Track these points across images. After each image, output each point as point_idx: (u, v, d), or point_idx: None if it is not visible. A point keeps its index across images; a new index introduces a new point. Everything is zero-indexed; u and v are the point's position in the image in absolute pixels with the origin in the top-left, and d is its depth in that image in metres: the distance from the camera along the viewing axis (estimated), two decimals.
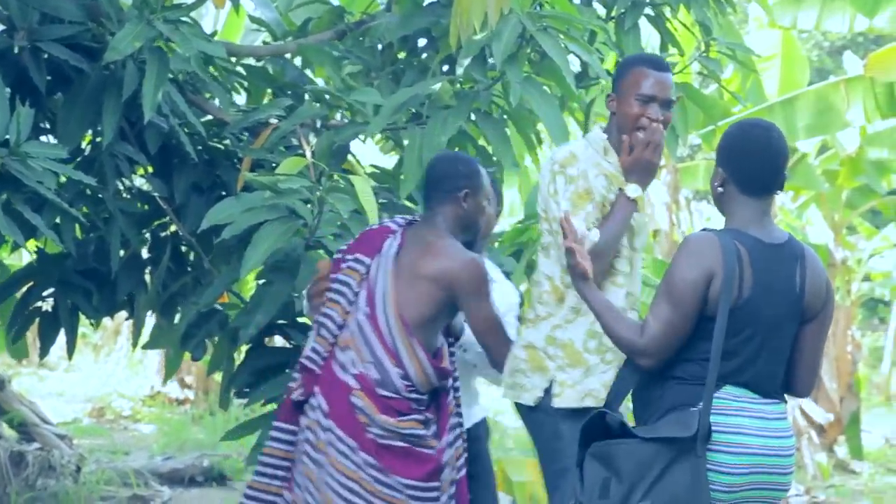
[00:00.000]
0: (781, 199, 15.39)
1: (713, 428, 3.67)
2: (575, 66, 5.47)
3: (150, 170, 5.72)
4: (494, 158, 5.41)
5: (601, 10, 5.79)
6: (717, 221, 4.04)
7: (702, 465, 3.66)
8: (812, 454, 12.67)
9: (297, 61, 6.13)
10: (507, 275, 5.20)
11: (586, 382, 4.12)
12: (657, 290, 3.84)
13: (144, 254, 5.97)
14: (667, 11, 5.80)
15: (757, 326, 3.75)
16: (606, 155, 4.18)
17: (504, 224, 15.78)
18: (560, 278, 4.12)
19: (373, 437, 4.18)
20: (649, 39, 9.95)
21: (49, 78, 5.36)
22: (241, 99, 6.33)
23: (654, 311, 3.77)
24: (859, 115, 11.34)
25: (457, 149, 5.51)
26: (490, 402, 18.56)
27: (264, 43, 6.28)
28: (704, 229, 3.87)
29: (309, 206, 4.71)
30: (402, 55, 5.92)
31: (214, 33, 5.74)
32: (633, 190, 4.16)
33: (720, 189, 3.89)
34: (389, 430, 4.19)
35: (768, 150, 3.83)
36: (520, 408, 4.22)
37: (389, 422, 4.19)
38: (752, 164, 3.82)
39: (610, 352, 4.11)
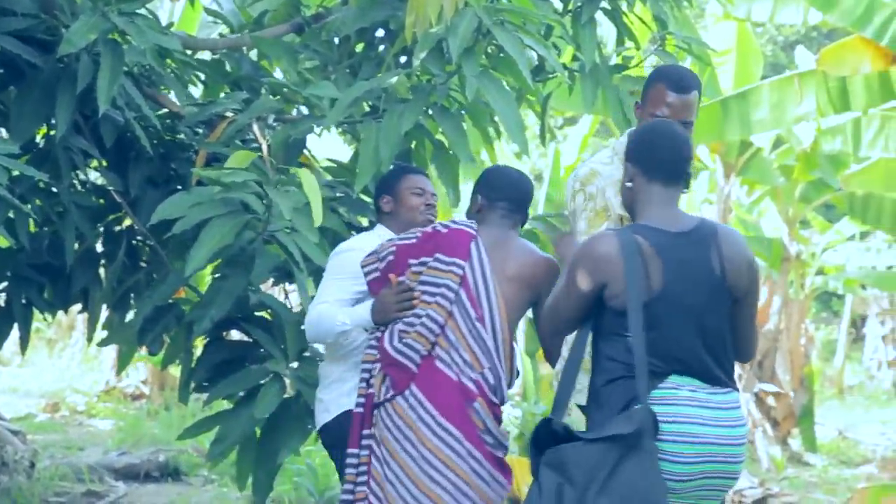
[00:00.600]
0: (736, 194, 15.48)
1: (661, 419, 3.73)
2: (532, 60, 5.47)
3: (105, 163, 5.68)
4: (451, 152, 5.41)
5: (558, 5, 5.79)
6: None
7: (651, 457, 3.71)
8: (766, 447, 12.76)
9: (254, 54, 6.11)
10: None
11: None
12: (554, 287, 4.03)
13: (99, 248, 5.93)
14: (623, 5, 5.82)
15: (683, 315, 3.82)
16: None
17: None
18: None
19: (487, 446, 4.21)
20: (606, 33, 9.98)
21: (1, 71, 5.31)
22: (197, 92, 6.30)
23: (545, 307, 4.02)
24: (812, 109, 11.41)
25: (413, 143, 5.50)
26: None
27: (221, 36, 6.24)
28: (609, 229, 4.00)
29: (261, 199, 4.69)
30: (359, 48, 5.90)
31: (170, 25, 5.70)
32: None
33: (629, 184, 3.98)
34: (499, 439, 4.25)
35: (672, 139, 3.96)
36: (580, 408, 4.25)
37: (500, 430, 4.26)
38: (657, 152, 3.94)
39: None
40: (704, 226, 3.92)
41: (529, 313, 4.44)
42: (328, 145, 10.67)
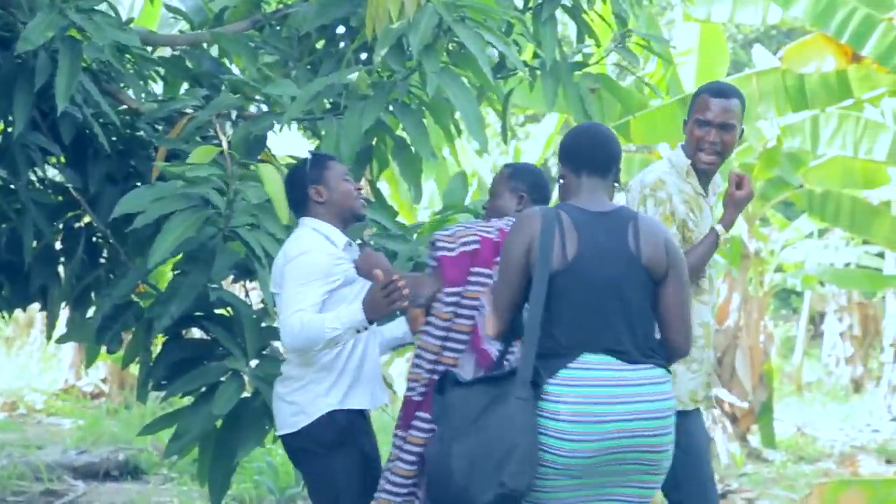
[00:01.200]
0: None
1: (562, 400, 3.89)
2: (493, 57, 5.48)
3: (64, 160, 5.65)
4: (412, 149, 5.41)
5: (518, 2, 5.80)
6: None
7: (521, 405, 3.89)
8: (725, 443, 12.83)
9: (214, 51, 6.08)
10: (422, 265, 5.20)
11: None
12: None
13: (58, 245, 5.89)
14: (583, 3, 5.83)
15: (596, 288, 3.98)
16: (688, 177, 4.76)
17: (422, 215, 15.77)
18: None
19: None
20: (566, 31, 9.99)
21: None
22: (157, 88, 6.27)
23: (492, 286, 4.20)
24: (771, 107, 11.47)
25: (374, 139, 5.50)
26: None
27: (181, 32, 6.21)
28: (541, 206, 4.24)
29: (224, 196, 4.68)
30: (319, 45, 5.89)
31: (130, 21, 5.67)
32: (723, 231, 4.73)
33: (562, 181, 4.22)
34: None
35: (593, 136, 4.25)
36: None
37: None
38: (581, 149, 4.20)
39: (694, 363, 4.68)
40: (625, 209, 4.16)
41: None
42: (288, 142, 10.64)
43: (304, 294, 4.37)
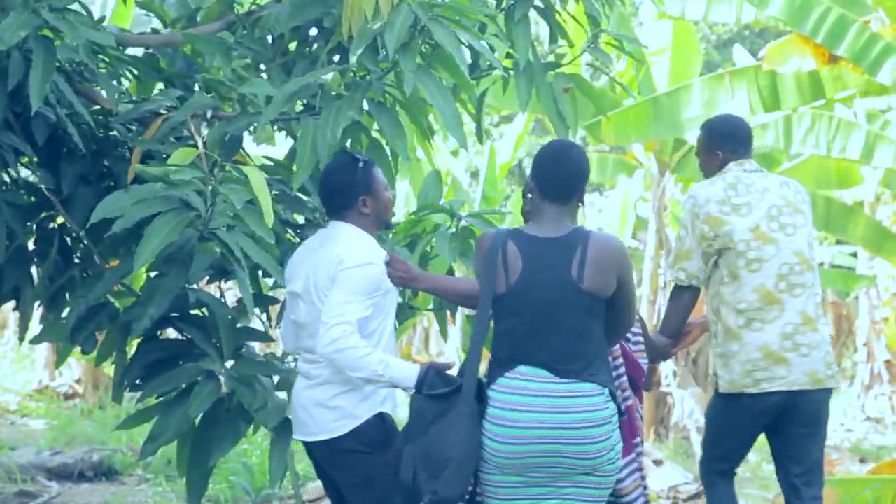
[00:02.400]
0: (671, 191, 15.58)
1: (493, 404, 4.38)
2: (466, 56, 5.48)
3: (37, 161, 5.62)
4: (387, 149, 5.41)
5: (491, 2, 5.81)
6: (610, 213, 4.34)
7: (463, 419, 4.36)
8: (700, 443, 12.86)
9: (188, 50, 6.06)
10: None
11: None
12: None
13: (31, 246, 5.87)
14: (556, 3, 5.84)
15: (533, 309, 4.39)
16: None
17: (398, 215, 15.75)
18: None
19: None
20: (539, 32, 9.99)
21: None
22: (130, 87, 6.24)
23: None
24: (744, 107, 11.51)
25: (349, 140, 5.49)
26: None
27: (153, 31, 6.19)
28: (498, 229, 4.61)
29: (202, 197, 4.67)
30: (293, 46, 5.88)
31: (102, 20, 5.64)
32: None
33: (529, 195, 4.68)
34: None
35: (562, 163, 4.56)
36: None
37: None
38: (546, 172, 4.56)
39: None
40: (577, 233, 4.45)
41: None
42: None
43: (353, 306, 4.51)
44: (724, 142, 5.43)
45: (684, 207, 5.34)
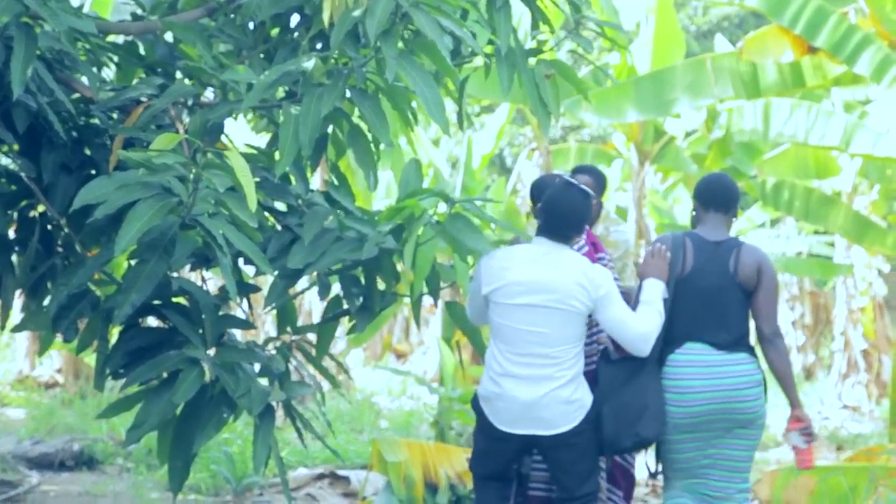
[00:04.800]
0: (651, 181, 15.63)
1: (671, 377, 5.62)
2: (448, 43, 5.49)
3: (17, 149, 5.61)
4: (369, 136, 5.41)
5: None
6: None
7: (649, 379, 5.60)
8: None
9: (169, 37, 6.05)
10: (390, 252, 5.20)
11: None
12: None
13: (11, 234, 5.86)
14: None
15: (698, 295, 5.67)
16: None
17: (381, 204, 15.76)
18: None
19: None
20: (521, 17, 10.01)
21: None
22: (110, 74, 6.23)
23: None
24: (724, 92, 11.56)
25: (331, 126, 5.49)
26: (366, 383, 18.59)
27: (133, 16, 6.16)
28: (674, 233, 5.94)
29: (184, 183, 4.66)
30: (274, 33, 5.88)
31: (81, 7, 5.63)
32: None
33: (694, 213, 5.93)
34: None
35: (723, 181, 6.02)
36: None
37: None
38: (713, 190, 5.94)
39: None
40: (733, 240, 5.85)
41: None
42: (243, 130, 10.62)
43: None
44: None
45: None
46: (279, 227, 5.47)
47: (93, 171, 5.51)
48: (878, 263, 18.48)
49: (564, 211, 5.62)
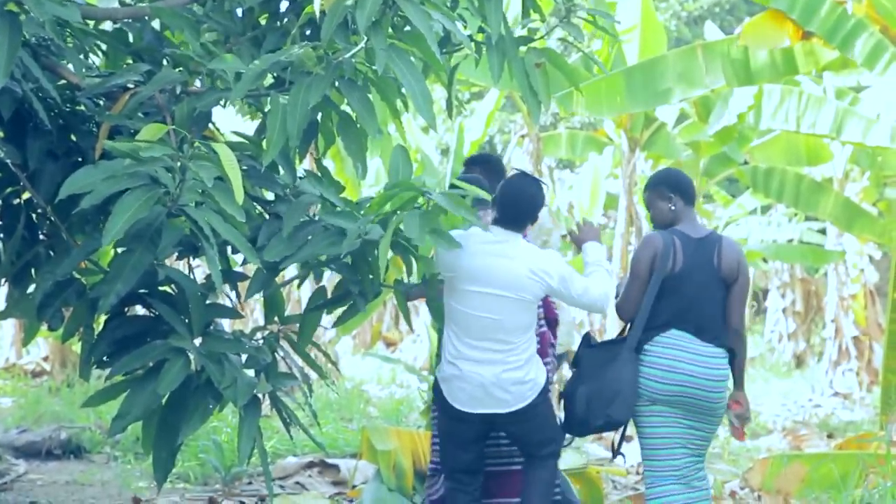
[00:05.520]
0: (641, 168, 15.60)
1: (653, 354, 6.06)
2: (438, 31, 5.44)
3: (2, 136, 5.55)
4: (358, 126, 5.36)
5: None
6: (580, 190, 4.28)
7: (625, 364, 6.04)
8: None
9: (157, 24, 5.99)
10: (374, 243, 5.14)
11: None
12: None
13: None
14: None
15: (687, 290, 6.08)
16: None
17: (370, 191, 15.70)
18: None
19: None
20: (510, 5, 9.95)
21: None
22: (97, 61, 6.17)
23: (625, 285, 6.29)
24: (716, 81, 11.52)
25: (320, 115, 5.44)
26: (356, 371, 18.57)
27: (121, 4, 6.11)
28: (662, 232, 6.27)
29: (171, 173, 4.61)
30: (263, 20, 5.83)
31: None
32: None
33: (673, 207, 6.31)
34: None
35: (686, 175, 6.57)
36: None
37: None
38: (688, 184, 6.47)
39: None
40: (713, 235, 6.30)
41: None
42: (230, 118, 10.56)
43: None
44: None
45: None
46: (267, 216, 5.42)
47: (79, 159, 5.47)
48: (869, 250, 18.50)
49: (516, 199, 5.98)
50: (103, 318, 5.40)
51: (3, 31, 4.69)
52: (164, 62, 5.56)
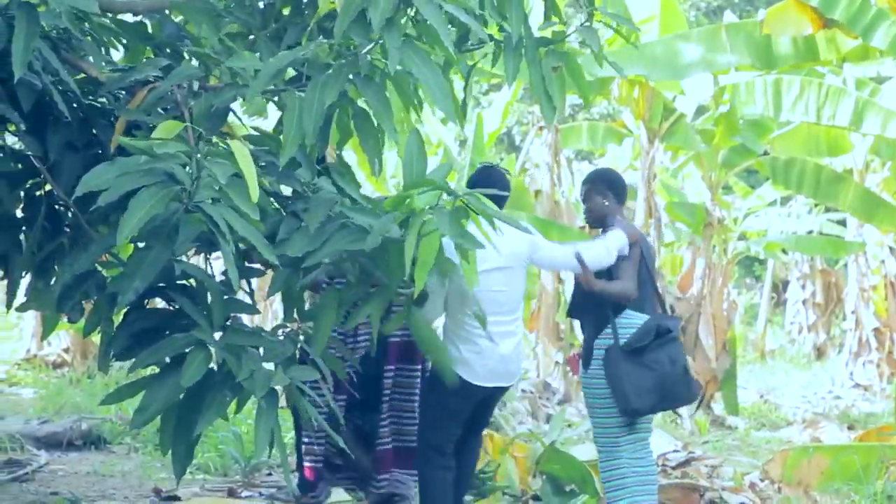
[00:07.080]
0: (660, 159, 15.55)
1: (631, 328, 6.63)
2: (453, 31, 5.43)
3: (23, 128, 5.57)
4: (374, 122, 5.36)
5: None
6: None
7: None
8: (689, 410, 12.89)
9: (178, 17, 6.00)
10: (394, 241, 5.11)
11: None
12: None
13: (18, 213, 5.82)
14: None
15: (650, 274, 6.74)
16: None
17: (390, 183, 15.69)
18: None
19: None
20: (532, 5, 9.94)
21: None
22: (117, 55, 6.19)
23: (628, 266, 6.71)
24: (741, 60, 11.49)
25: (337, 111, 5.44)
26: None
27: None
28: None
29: (187, 169, 4.62)
30: (285, 13, 5.83)
31: None
32: None
33: (606, 203, 6.78)
34: None
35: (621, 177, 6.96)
36: None
37: None
38: (623, 185, 6.91)
39: None
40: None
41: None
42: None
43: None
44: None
45: None
46: (284, 213, 5.42)
47: (99, 151, 5.48)
48: (889, 241, 18.43)
49: (488, 185, 6.31)
50: (123, 310, 5.41)
51: (21, 22, 4.70)
52: (185, 56, 5.56)
